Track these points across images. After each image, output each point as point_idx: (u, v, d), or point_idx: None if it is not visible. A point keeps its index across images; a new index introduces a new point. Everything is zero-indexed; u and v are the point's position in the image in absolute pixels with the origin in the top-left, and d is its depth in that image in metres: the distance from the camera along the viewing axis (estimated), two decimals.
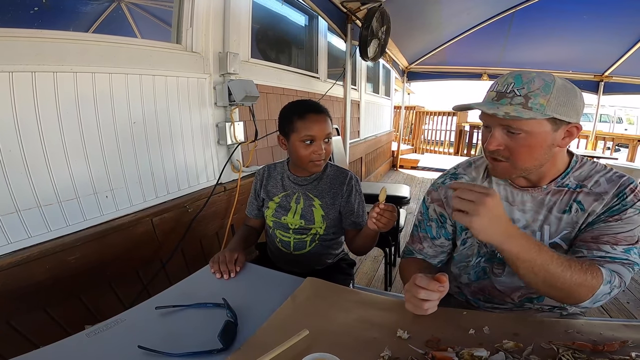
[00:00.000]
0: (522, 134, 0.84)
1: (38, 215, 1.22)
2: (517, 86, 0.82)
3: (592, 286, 0.79)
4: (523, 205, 0.96)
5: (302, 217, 1.34)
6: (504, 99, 0.84)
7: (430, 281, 0.81)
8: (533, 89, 0.81)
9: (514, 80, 0.84)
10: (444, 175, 1.12)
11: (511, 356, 0.72)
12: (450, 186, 0.84)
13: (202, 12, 1.80)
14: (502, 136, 0.87)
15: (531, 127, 0.82)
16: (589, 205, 0.89)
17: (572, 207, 0.91)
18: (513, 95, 0.82)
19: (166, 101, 1.69)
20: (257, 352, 0.71)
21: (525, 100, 0.81)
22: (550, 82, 0.81)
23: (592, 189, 0.90)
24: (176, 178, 1.79)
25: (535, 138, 0.84)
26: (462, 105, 0.92)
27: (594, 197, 0.89)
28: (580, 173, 0.93)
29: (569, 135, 0.87)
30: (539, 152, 0.86)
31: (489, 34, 4.70)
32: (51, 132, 1.24)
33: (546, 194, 0.94)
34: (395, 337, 0.79)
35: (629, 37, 4.16)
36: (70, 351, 0.76)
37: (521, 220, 0.96)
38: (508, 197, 0.98)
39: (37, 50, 1.17)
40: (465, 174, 1.07)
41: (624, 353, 0.72)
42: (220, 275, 1.09)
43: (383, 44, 3.35)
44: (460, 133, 8.86)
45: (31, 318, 1.23)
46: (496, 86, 0.87)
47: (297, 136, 1.25)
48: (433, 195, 1.10)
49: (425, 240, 1.12)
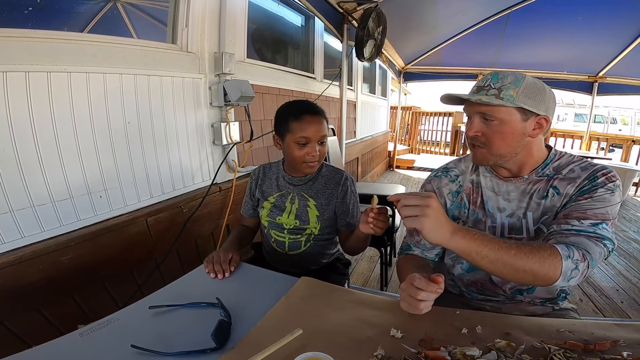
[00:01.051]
0: (496, 121, 0.95)
1: (31, 215, 1.22)
2: (492, 81, 0.95)
3: (553, 264, 0.81)
4: (508, 194, 1.04)
5: (297, 217, 1.35)
6: (481, 91, 0.96)
7: (429, 283, 0.82)
8: (505, 83, 0.93)
9: (491, 77, 0.96)
10: (438, 169, 1.20)
11: (503, 355, 0.72)
12: (389, 199, 0.89)
13: (197, 12, 1.80)
14: (479, 123, 0.98)
15: (503, 114, 0.93)
16: (564, 189, 0.96)
17: (548, 192, 0.99)
18: (489, 88, 0.95)
19: (161, 101, 1.68)
20: (250, 351, 0.71)
21: (499, 92, 0.93)
22: (520, 79, 0.93)
23: (567, 175, 0.98)
24: (171, 178, 1.78)
25: (507, 126, 0.94)
26: (447, 95, 1.03)
27: (568, 181, 0.97)
28: (559, 164, 1.01)
29: (539, 127, 0.96)
30: (510, 139, 0.95)
31: (484, 35, 4.72)
32: (45, 132, 1.24)
33: (528, 183, 1.02)
34: (389, 336, 0.79)
35: (623, 38, 4.19)
36: (63, 350, 0.75)
37: (507, 209, 1.04)
38: (494, 188, 1.06)
39: (31, 50, 1.17)
40: (456, 168, 1.16)
41: (615, 352, 0.73)
42: (214, 275, 1.08)
43: (379, 45, 3.36)
44: (456, 133, 8.88)
45: (25, 318, 1.22)
46: (477, 82, 1.01)
47: (292, 137, 1.24)
48: (427, 187, 1.19)
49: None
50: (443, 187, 1.14)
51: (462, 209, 1.11)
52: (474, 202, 1.09)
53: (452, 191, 1.13)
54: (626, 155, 6.37)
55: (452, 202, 1.13)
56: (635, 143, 6.48)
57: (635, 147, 6.49)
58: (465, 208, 1.10)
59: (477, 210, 1.08)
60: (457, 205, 1.12)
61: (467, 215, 1.10)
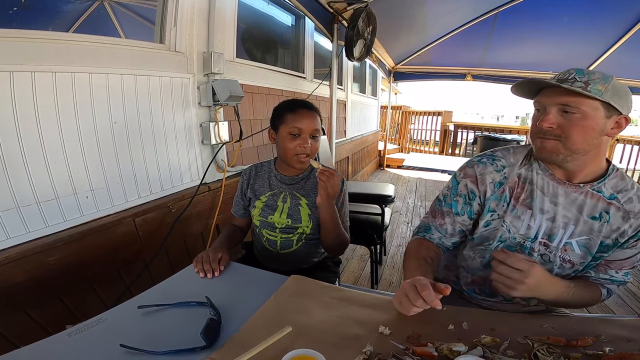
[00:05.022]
0: (578, 114, 0.88)
1: (16, 216, 1.20)
2: (578, 75, 0.89)
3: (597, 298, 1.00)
4: (555, 198, 0.99)
5: (289, 216, 1.35)
6: (565, 83, 0.89)
7: (435, 299, 0.80)
8: (593, 78, 0.87)
9: (576, 72, 0.90)
10: (483, 155, 1.12)
11: (489, 351, 0.74)
12: (494, 255, 0.87)
13: (186, 11, 1.79)
14: (556, 116, 0.91)
15: (587, 107, 0.88)
16: (615, 221, 0.95)
17: (601, 216, 0.96)
18: (574, 80, 0.88)
19: (149, 101, 1.67)
20: (240, 349, 0.71)
21: (585, 85, 0.86)
22: (608, 76, 0.88)
23: (624, 204, 0.95)
24: (159, 178, 1.77)
25: (589, 120, 0.88)
26: (523, 80, 0.97)
27: (622, 213, 0.94)
28: (616, 183, 0.97)
29: (618, 127, 0.92)
30: (590, 134, 0.90)
31: (472, 35, 4.77)
32: (29, 132, 1.22)
33: (580, 193, 0.97)
34: (377, 333, 0.80)
35: (607, 38, 4.27)
36: (51, 351, 0.75)
37: (550, 212, 1.00)
38: (544, 188, 1.01)
39: (15, 49, 1.15)
40: (504, 158, 1.08)
41: (597, 348, 0.75)
42: (203, 274, 1.08)
43: (369, 44, 3.37)
44: (445, 132, 8.97)
45: (11, 319, 1.20)
46: (556, 76, 0.93)
47: (285, 128, 1.27)
48: (467, 171, 1.11)
49: (448, 216, 1.13)
50: (487, 175, 1.06)
51: (501, 202, 1.05)
52: (516, 197, 1.03)
53: (495, 181, 1.06)
54: (609, 153, 6.52)
55: (493, 192, 1.06)
56: (619, 142, 6.64)
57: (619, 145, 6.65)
58: (505, 202, 1.04)
59: (519, 207, 1.03)
60: (497, 197, 1.05)
61: (505, 209, 1.04)
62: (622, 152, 6.64)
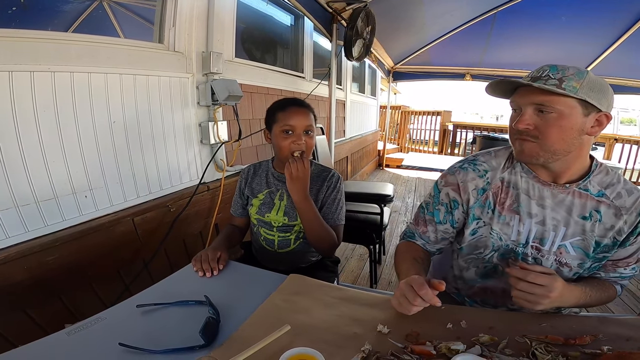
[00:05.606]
0: (554, 113, 0.86)
1: (15, 215, 1.20)
2: (551, 72, 0.86)
3: (614, 295, 1.00)
4: (542, 200, 0.96)
5: (285, 214, 1.35)
6: (539, 81, 0.86)
7: (433, 297, 0.81)
8: (567, 74, 0.84)
9: (550, 68, 0.87)
10: (464, 160, 1.10)
11: (487, 349, 0.74)
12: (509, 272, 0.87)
13: (185, 11, 1.79)
14: (532, 116, 0.89)
15: (563, 106, 0.85)
16: (608, 220, 0.93)
17: (592, 215, 0.93)
18: (547, 77, 0.86)
19: (147, 101, 1.67)
20: (239, 348, 0.72)
21: (559, 83, 0.84)
22: (583, 72, 0.85)
23: (614, 201, 0.92)
24: (158, 177, 1.77)
25: (566, 119, 0.86)
26: (495, 80, 0.94)
27: (614, 210, 0.92)
28: (602, 179, 0.94)
29: (599, 125, 0.88)
30: (568, 134, 0.87)
31: (471, 35, 4.77)
32: (28, 132, 1.22)
33: (567, 193, 0.95)
34: (376, 331, 0.80)
35: (605, 38, 4.27)
36: (50, 349, 0.75)
37: (538, 215, 0.97)
38: (529, 191, 0.98)
39: (14, 49, 1.15)
40: (486, 162, 1.05)
41: (595, 347, 0.75)
42: (202, 273, 1.08)
43: (368, 44, 3.37)
44: (444, 132, 8.97)
45: (10, 318, 1.20)
46: (530, 74, 0.91)
47: (278, 126, 1.28)
48: (448, 179, 1.08)
49: (430, 224, 1.11)
50: (469, 182, 1.03)
51: (485, 208, 1.02)
52: (501, 203, 1.00)
53: (478, 187, 1.03)
54: (608, 153, 6.54)
55: (476, 200, 1.03)
56: (618, 141, 6.64)
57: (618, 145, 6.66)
58: (489, 208, 1.01)
59: (506, 212, 1.00)
60: (481, 204, 1.02)
61: (491, 216, 1.01)
62: (621, 152, 6.64)
